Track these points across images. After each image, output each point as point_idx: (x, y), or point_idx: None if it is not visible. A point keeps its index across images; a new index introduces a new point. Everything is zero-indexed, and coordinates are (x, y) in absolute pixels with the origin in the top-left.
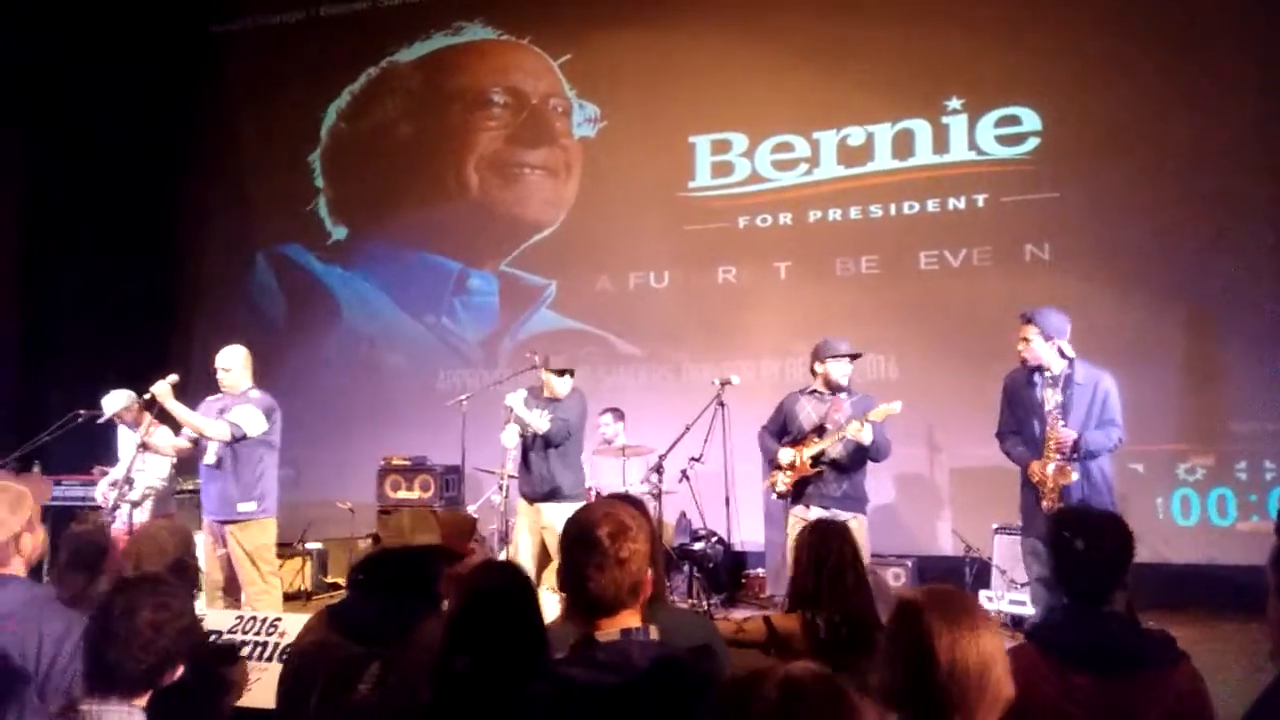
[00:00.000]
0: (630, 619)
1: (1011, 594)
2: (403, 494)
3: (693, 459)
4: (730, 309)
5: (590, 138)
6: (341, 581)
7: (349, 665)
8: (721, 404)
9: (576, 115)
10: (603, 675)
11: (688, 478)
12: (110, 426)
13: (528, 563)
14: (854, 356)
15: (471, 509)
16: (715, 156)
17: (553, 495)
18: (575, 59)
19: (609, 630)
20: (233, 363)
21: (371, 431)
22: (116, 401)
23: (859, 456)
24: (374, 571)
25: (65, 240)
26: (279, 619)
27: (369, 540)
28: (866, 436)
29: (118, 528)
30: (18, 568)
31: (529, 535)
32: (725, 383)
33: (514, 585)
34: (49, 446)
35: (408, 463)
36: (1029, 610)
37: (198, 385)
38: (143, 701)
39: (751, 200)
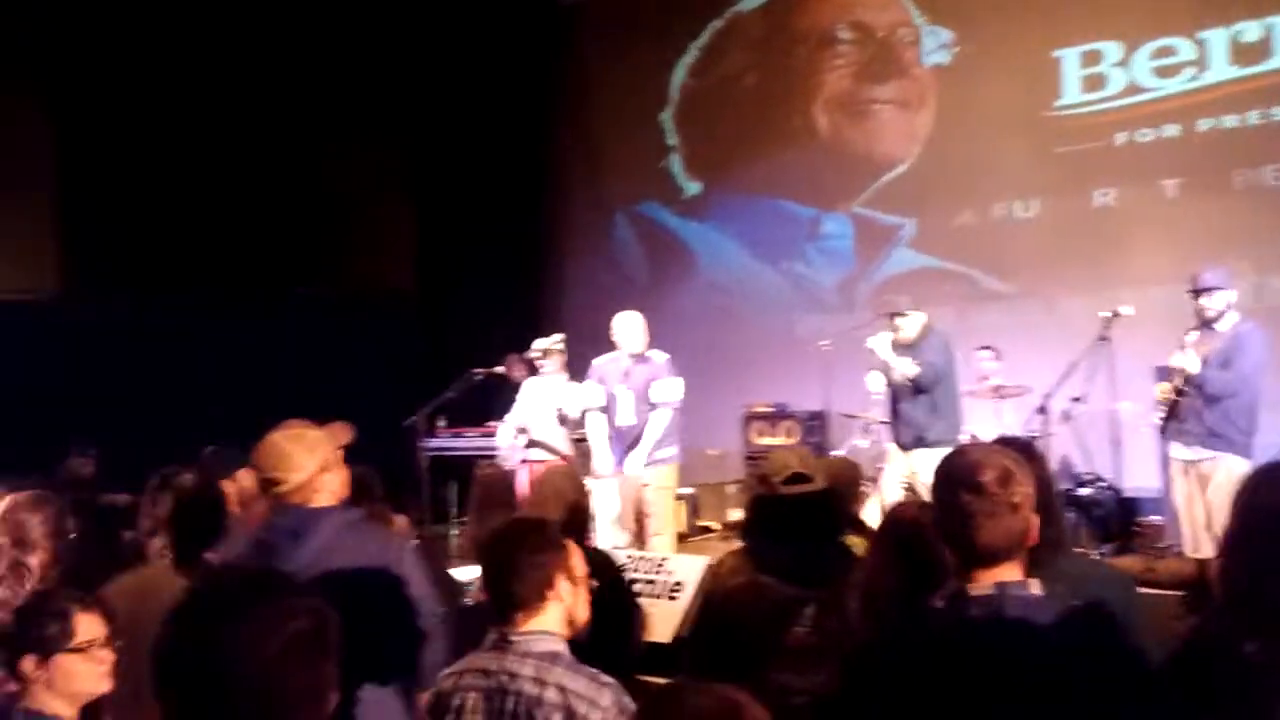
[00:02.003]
0: (1009, 571)
1: None
2: (768, 440)
3: (1074, 399)
4: (1109, 235)
5: (944, 65)
6: (714, 525)
7: (783, 607)
8: (1104, 338)
9: (927, 43)
10: (974, 631)
11: (1070, 419)
12: (503, 382)
13: None
14: (1198, 292)
15: (836, 454)
16: (1085, 70)
17: (922, 441)
18: None
19: (983, 583)
20: (634, 327)
21: (731, 380)
22: (544, 343)
23: (1223, 385)
24: (781, 516)
25: (449, 212)
26: (665, 559)
27: (734, 486)
28: (1189, 363)
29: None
30: (325, 500)
31: (897, 483)
32: (1115, 315)
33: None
34: (450, 403)
35: (771, 409)
36: None
37: (580, 347)
38: (548, 622)
39: (1129, 114)
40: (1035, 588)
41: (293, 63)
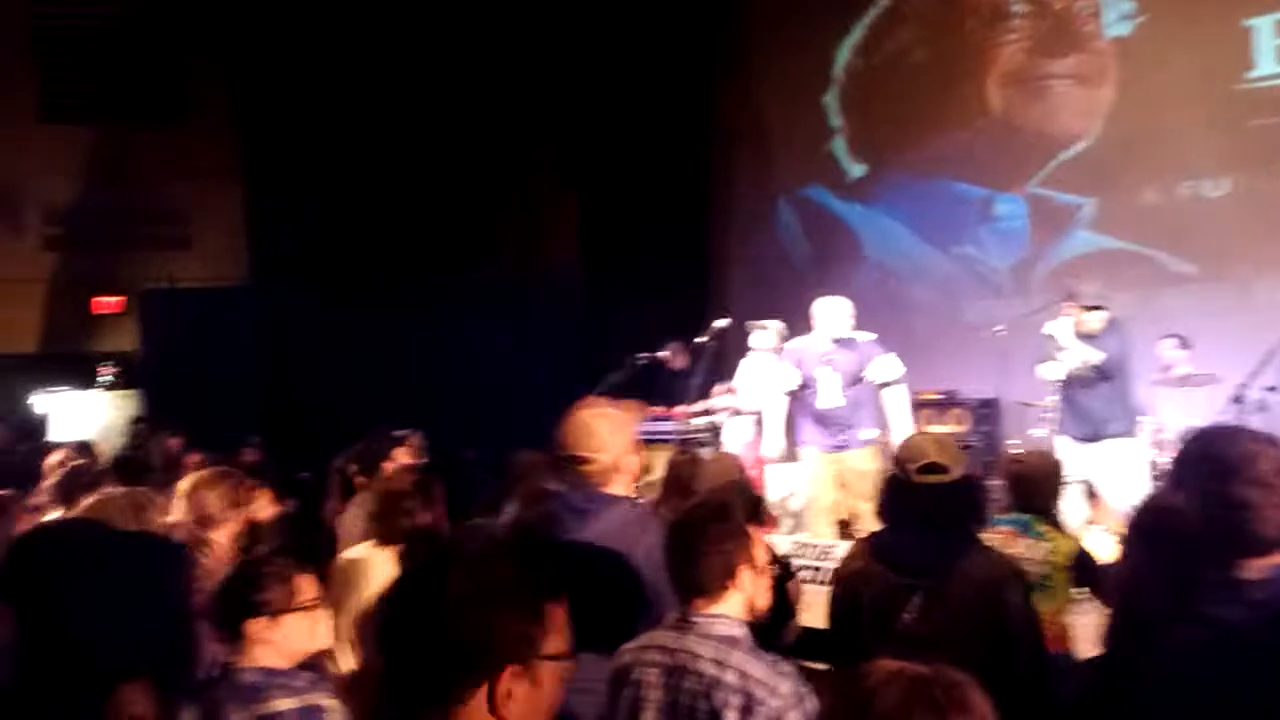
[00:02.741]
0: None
1: None
2: (934, 427)
3: (1269, 388)
4: None
5: (1125, 37)
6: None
7: (892, 594)
8: None
9: (1108, 13)
10: (1257, 615)
11: (1266, 409)
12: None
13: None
14: None
15: (1011, 443)
16: None
17: (1100, 434)
18: None
19: (1259, 568)
20: (839, 311)
21: None
22: (762, 337)
23: None
24: (909, 503)
25: (612, 197)
26: (833, 546)
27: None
28: None
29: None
30: (620, 487)
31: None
32: None
33: None
34: (612, 386)
35: (939, 396)
36: None
37: (737, 332)
38: (729, 606)
39: None
40: None
41: (458, 50)
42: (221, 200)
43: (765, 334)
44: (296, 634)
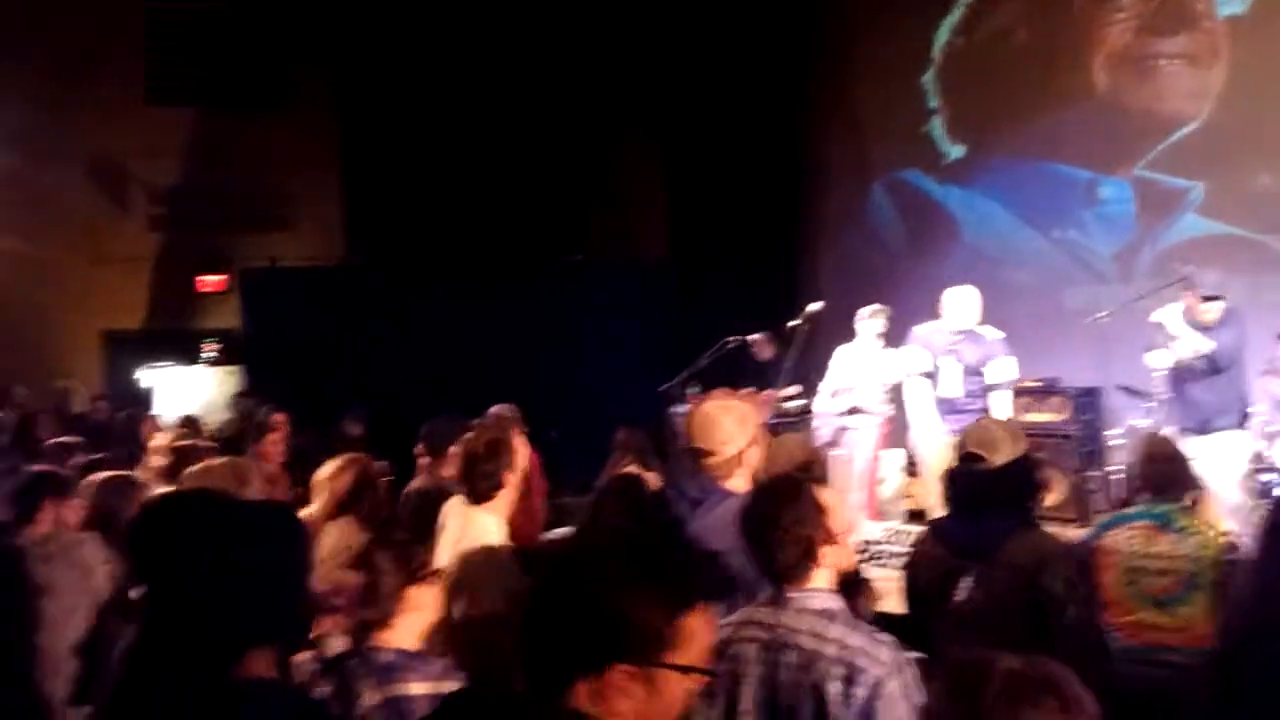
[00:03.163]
0: None
1: None
2: (1033, 416)
3: None
4: None
5: (1239, 15)
6: None
7: (947, 575)
8: None
9: None
10: None
11: None
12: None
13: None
14: None
15: (1113, 432)
16: None
17: (1208, 427)
18: None
19: None
20: (969, 302)
21: None
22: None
23: None
24: (960, 489)
25: (703, 180)
26: (911, 532)
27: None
28: None
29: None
30: (740, 481)
31: None
32: None
33: None
34: (702, 370)
35: (1039, 384)
36: None
37: (831, 316)
38: (821, 581)
39: None
40: None
41: (552, 35)
42: (321, 182)
43: (875, 321)
44: (426, 606)
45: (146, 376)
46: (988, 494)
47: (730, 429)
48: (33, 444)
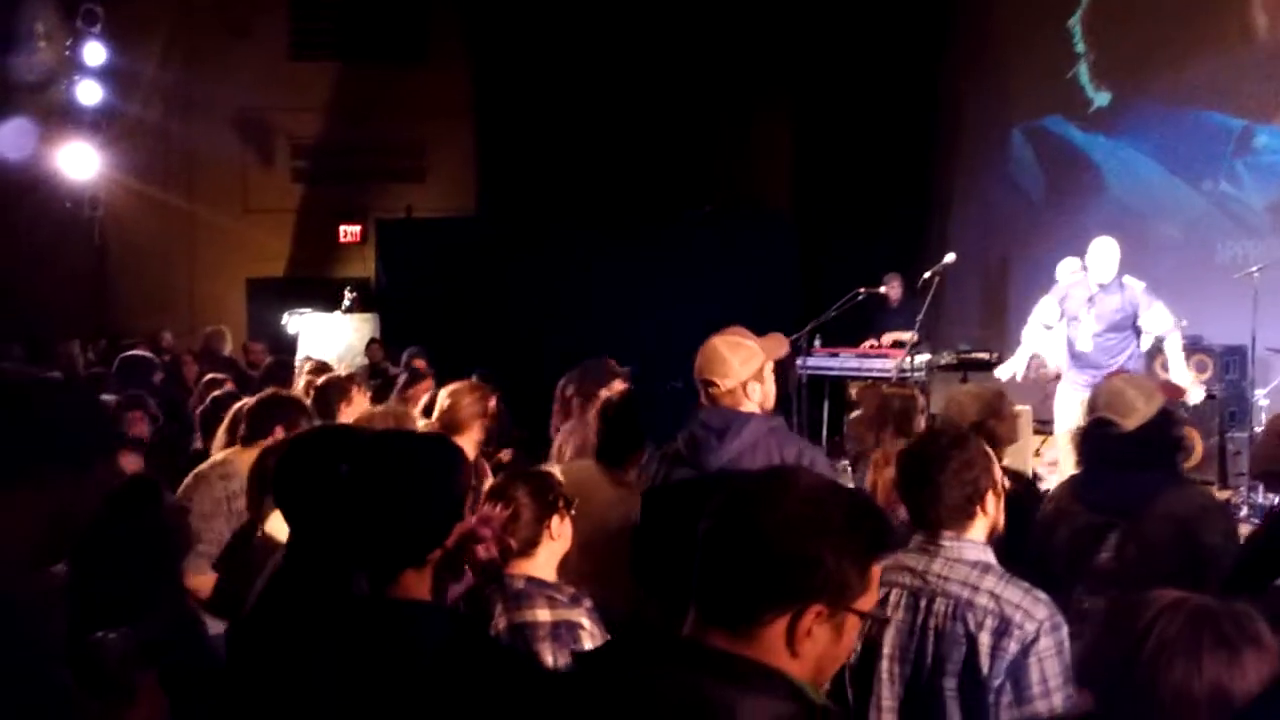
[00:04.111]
0: None
1: None
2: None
3: None
4: None
5: None
6: None
7: (1089, 533)
8: None
9: None
10: None
11: None
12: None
13: None
14: None
15: (1260, 393)
16: None
17: None
18: None
19: None
20: (1107, 255)
21: None
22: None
23: None
24: (1096, 448)
25: (828, 129)
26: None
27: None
28: None
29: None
30: (753, 408)
31: None
32: None
33: None
34: (826, 321)
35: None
36: None
37: (964, 268)
38: (977, 532)
39: None
40: None
41: None
42: (456, 135)
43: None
44: (563, 539)
45: (292, 323)
46: (1126, 453)
47: (734, 364)
48: (181, 384)
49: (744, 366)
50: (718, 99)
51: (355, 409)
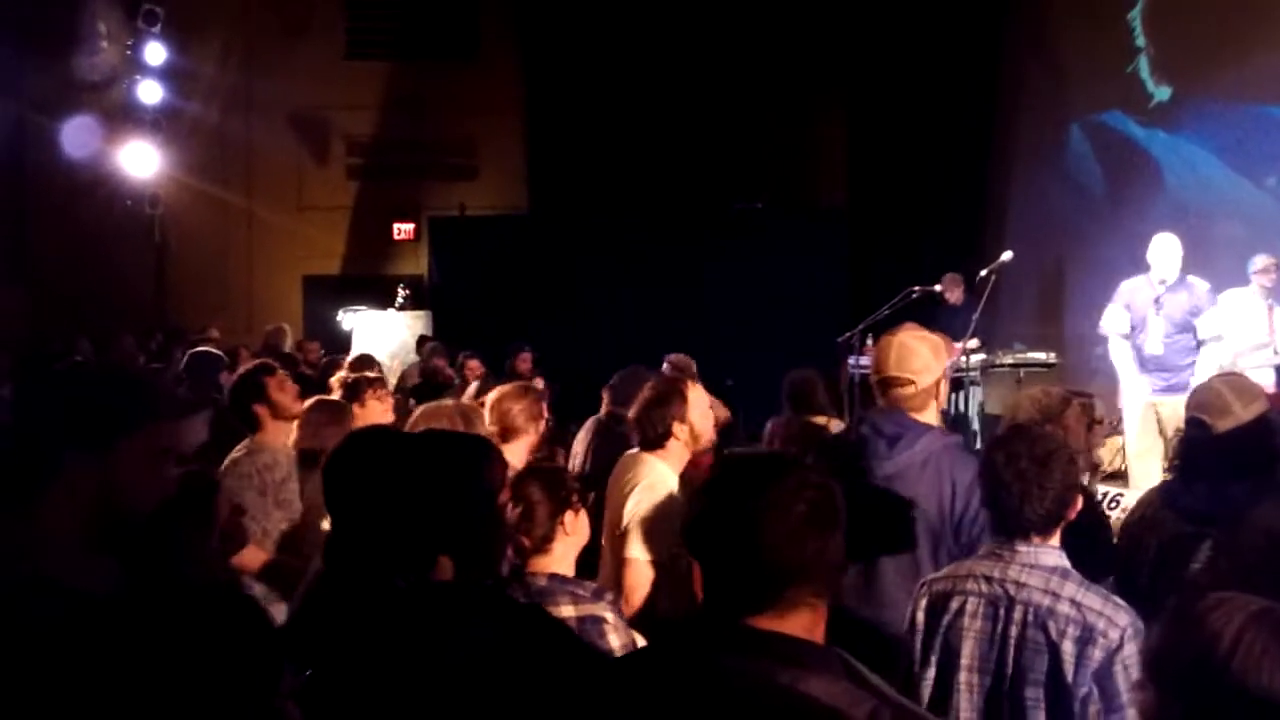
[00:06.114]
0: None
1: None
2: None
3: None
4: None
5: None
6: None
7: (1180, 543)
8: None
9: None
10: None
11: None
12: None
13: None
14: None
15: None
16: None
17: None
18: None
19: None
20: (1169, 251)
21: None
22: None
23: None
24: (1191, 453)
25: (883, 126)
26: (1121, 494)
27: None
28: None
29: None
30: (932, 415)
31: None
32: None
33: None
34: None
35: None
36: None
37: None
38: (1055, 539)
39: None
40: None
41: None
42: (507, 132)
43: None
44: (578, 535)
45: (345, 319)
46: (1217, 460)
47: (927, 358)
48: None
49: (938, 362)
50: (771, 94)
51: (369, 413)
